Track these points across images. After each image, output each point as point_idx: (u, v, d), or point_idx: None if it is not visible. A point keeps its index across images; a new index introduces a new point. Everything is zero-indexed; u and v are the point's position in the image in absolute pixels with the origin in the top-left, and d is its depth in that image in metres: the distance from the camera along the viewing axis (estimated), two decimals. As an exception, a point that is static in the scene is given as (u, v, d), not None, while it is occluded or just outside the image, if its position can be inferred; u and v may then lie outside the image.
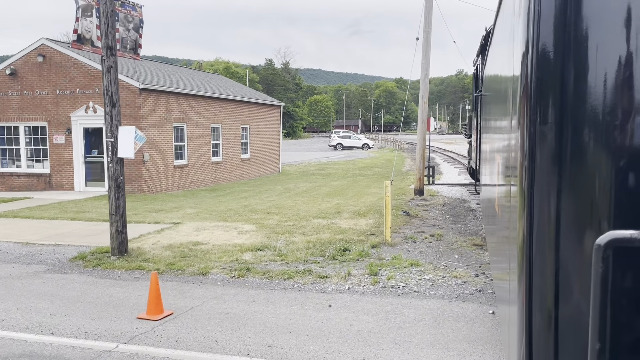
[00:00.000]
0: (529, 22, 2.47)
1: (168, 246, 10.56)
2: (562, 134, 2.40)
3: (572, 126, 2.38)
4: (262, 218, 14.05)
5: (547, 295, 2.51)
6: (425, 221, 13.68)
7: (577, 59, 2.35)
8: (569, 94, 2.37)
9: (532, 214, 2.53)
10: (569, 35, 2.36)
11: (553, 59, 2.39)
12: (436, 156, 43.57)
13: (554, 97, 2.41)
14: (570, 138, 2.39)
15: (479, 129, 12.80)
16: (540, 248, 2.53)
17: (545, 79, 2.42)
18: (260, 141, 29.23)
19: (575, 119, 2.37)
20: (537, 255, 2.54)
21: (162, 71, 24.30)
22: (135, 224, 13.24)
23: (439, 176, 26.59)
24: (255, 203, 17.54)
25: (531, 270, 2.58)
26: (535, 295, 2.56)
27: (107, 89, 9.54)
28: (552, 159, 2.43)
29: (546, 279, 2.51)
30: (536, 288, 2.56)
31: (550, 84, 2.41)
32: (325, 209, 15.89)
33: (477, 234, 12.19)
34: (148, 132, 19.81)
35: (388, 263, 9.02)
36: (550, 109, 2.41)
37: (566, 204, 2.41)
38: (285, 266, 9.05)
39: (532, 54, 2.45)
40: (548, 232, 2.48)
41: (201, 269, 8.81)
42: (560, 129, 2.40)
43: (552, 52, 2.39)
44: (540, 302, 2.54)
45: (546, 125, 2.42)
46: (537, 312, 2.55)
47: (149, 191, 19.93)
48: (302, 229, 12.42)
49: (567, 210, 2.41)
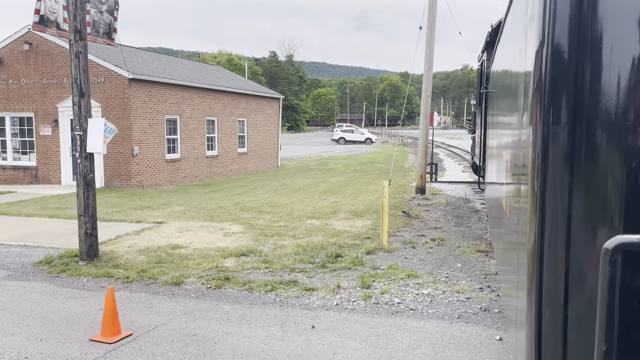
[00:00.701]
0: (544, 22, 2.42)
1: (144, 250, 9.68)
2: (576, 134, 2.35)
3: (586, 126, 2.34)
4: (252, 218, 13.17)
5: (558, 301, 2.39)
6: (426, 223, 12.78)
7: (591, 59, 2.31)
8: (583, 94, 2.33)
9: (543, 215, 2.45)
10: (584, 36, 2.32)
11: (567, 58, 2.35)
12: (440, 152, 42.59)
13: (568, 96, 2.36)
14: (584, 138, 2.34)
15: (483, 125, 12.71)
16: (551, 252, 2.44)
17: (560, 79, 2.38)
18: (258, 135, 28.32)
19: (588, 119, 2.33)
20: (548, 259, 2.44)
21: (155, 61, 23.39)
22: (116, 222, 12.38)
23: (442, 173, 25.66)
24: (248, 200, 16.66)
25: (541, 285, 2.47)
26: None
27: (76, 77, 8.65)
28: (564, 159, 2.38)
29: (558, 288, 2.41)
30: (546, 302, 2.45)
31: (564, 84, 2.37)
32: (321, 207, 15.00)
33: (481, 238, 11.30)
34: (138, 124, 18.94)
35: (383, 273, 8.12)
36: (564, 108, 2.37)
37: (579, 205, 2.36)
38: (270, 275, 8.17)
39: (547, 54, 2.41)
40: (560, 234, 2.42)
41: (175, 278, 7.94)
42: (574, 128, 2.35)
43: (567, 52, 2.35)
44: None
45: (559, 125, 2.38)
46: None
47: (138, 186, 19.07)
48: (293, 231, 11.53)
49: (580, 212, 2.36)
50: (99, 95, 18.72)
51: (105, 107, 18.71)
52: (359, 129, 67.02)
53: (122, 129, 18.60)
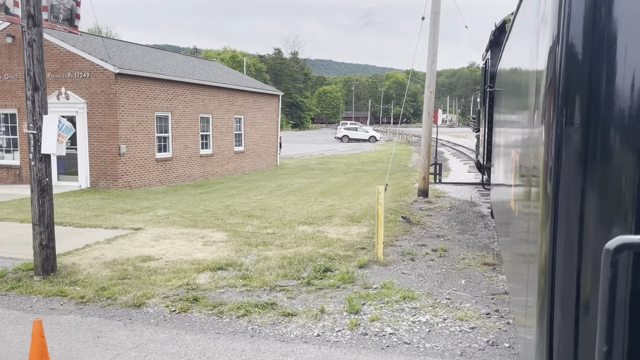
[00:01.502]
0: (558, 21, 2.38)
1: (111, 262, 8.68)
2: (590, 135, 2.28)
3: (601, 127, 2.27)
4: (239, 223, 12.15)
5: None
6: (428, 230, 11.73)
7: (606, 59, 2.26)
8: (599, 94, 2.27)
9: (556, 220, 2.35)
10: (599, 35, 2.27)
11: (582, 58, 2.30)
12: (445, 150, 41.46)
13: (582, 96, 2.31)
14: (599, 139, 2.27)
15: (487, 123, 12.64)
16: (567, 262, 2.31)
17: (574, 79, 2.32)
18: (256, 133, 27.30)
19: (603, 119, 2.27)
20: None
21: (147, 55, 22.39)
22: (90, 229, 11.39)
23: (447, 173, 24.57)
24: (240, 203, 15.65)
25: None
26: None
27: (29, 68, 7.62)
28: (579, 160, 2.32)
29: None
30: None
31: (578, 84, 2.32)
32: (315, 211, 13.97)
33: (488, 248, 10.25)
34: (126, 121, 17.95)
35: (375, 294, 7.07)
36: (578, 108, 2.32)
37: (594, 208, 2.27)
38: (246, 295, 7.14)
39: (561, 53, 2.36)
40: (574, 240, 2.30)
41: (137, 298, 6.93)
42: (588, 129, 2.29)
43: (581, 52, 2.30)
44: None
45: (573, 126, 2.32)
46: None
47: (125, 187, 18.09)
48: (281, 239, 10.51)
49: (595, 215, 2.27)
50: (84, 91, 17.74)
51: (91, 104, 17.73)
52: (363, 127, 65.92)
53: (108, 127, 17.63)
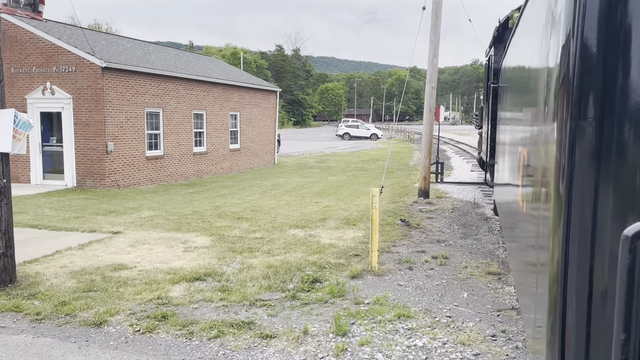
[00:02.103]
0: (573, 15, 2.31)
1: (79, 271, 7.92)
2: (605, 130, 2.21)
3: (617, 122, 2.20)
4: (227, 227, 11.39)
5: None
6: (428, 234, 10.96)
7: (621, 54, 2.21)
8: (614, 89, 2.21)
9: (569, 222, 2.25)
10: (614, 30, 2.22)
11: (596, 53, 2.25)
12: (447, 148, 40.66)
13: (597, 92, 2.25)
14: (615, 134, 2.20)
15: (490, 120, 12.37)
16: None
17: (589, 74, 2.26)
18: (252, 130, 26.52)
19: (619, 115, 2.19)
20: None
21: (138, 49, 21.62)
22: (66, 232, 10.65)
23: (449, 172, 23.78)
24: (231, 203, 14.89)
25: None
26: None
27: (-17, 57, 6.86)
28: (593, 156, 2.24)
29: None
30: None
31: (593, 79, 2.25)
32: (309, 213, 13.21)
33: (493, 254, 9.49)
34: (114, 118, 17.20)
35: (366, 311, 6.31)
36: (593, 104, 2.25)
37: (609, 205, 2.19)
38: (222, 311, 6.38)
39: (575, 48, 2.30)
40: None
41: (99, 315, 6.17)
42: (602, 124, 2.22)
43: (596, 46, 2.25)
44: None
45: (587, 120, 2.26)
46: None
47: (113, 186, 17.35)
48: (269, 245, 9.75)
49: (609, 213, 2.19)
50: (70, 85, 16.99)
51: (77, 99, 16.98)
52: (364, 125, 65.12)
53: (95, 123, 16.87)
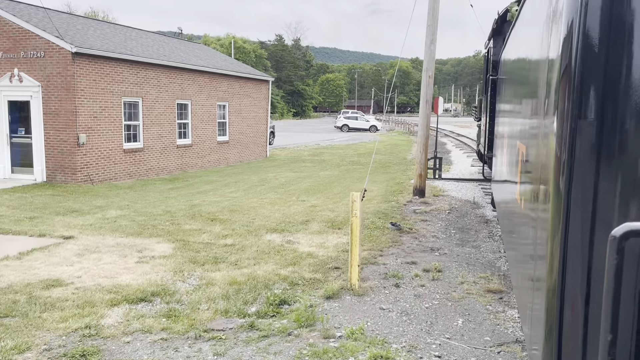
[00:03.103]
0: (575, 8, 2.26)
1: (5, 288, 6.70)
2: (605, 127, 2.18)
3: (619, 117, 2.17)
4: (196, 230, 10.18)
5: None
6: (421, 240, 9.75)
7: (624, 48, 2.16)
8: (617, 84, 2.16)
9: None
10: (617, 24, 2.17)
11: (599, 47, 2.19)
12: (448, 141, 39.37)
13: (598, 86, 2.19)
14: (618, 130, 2.16)
15: (488, 112, 11.99)
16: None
17: (591, 69, 2.20)
18: (242, 121, 25.25)
19: (622, 110, 2.17)
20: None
21: (119, 35, 20.32)
22: (13, 236, 9.45)
23: (448, 167, 22.53)
24: (210, 201, 13.68)
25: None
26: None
27: None
28: (594, 153, 2.20)
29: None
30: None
31: (595, 73, 2.20)
32: (292, 214, 12.00)
33: (493, 266, 8.30)
34: (86, 107, 15.95)
35: (335, 350, 5.09)
36: (594, 99, 2.19)
37: (609, 201, 2.17)
38: (158, 347, 5.18)
39: (577, 42, 2.25)
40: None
41: (4, 353, 4.97)
42: (603, 120, 2.19)
43: (598, 41, 2.19)
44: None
45: (587, 119, 2.22)
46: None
47: (86, 181, 16.12)
48: (238, 254, 8.55)
49: (609, 208, 2.16)
50: (39, 72, 15.73)
51: (46, 87, 15.72)
52: (364, 116, 63.73)
53: (65, 113, 15.63)
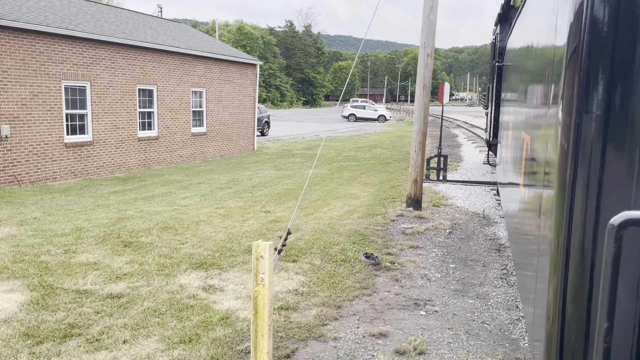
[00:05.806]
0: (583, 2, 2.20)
1: None
2: (614, 111, 2.16)
3: (628, 105, 2.15)
4: (87, 266, 7.24)
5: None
6: (404, 285, 6.76)
7: (634, 30, 2.11)
8: (628, 68, 2.11)
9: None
10: (626, 5, 2.11)
11: (606, 33, 2.14)
12: (460, 133, 36.13)
13: (607, 71, 2.15)
14: (628, 120, 2.14)
15: (494, 99, 11.92)
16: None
17: (598, 55, 2.16)
18: (224, 110, 22.26)
19: (630, 98, 2.14)
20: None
21: (70, 8, 17.34)
22: None
23: (457, 164, 19.37)
24: (147, 212, 10.75)
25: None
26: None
27: None
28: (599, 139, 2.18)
29: None
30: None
31: (603, 60, 2.15)
32: (242, 234, 9.03)
33: (507, 338, 5.34)
34: (11, 92, 13.08)
35: None
36: (602, 86, 2.16)
37: (615, 190, 2.16)
38: None
39: (585, 25, 2.19)
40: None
41: None
42: (609, 108, 2.16)
43: (607, 26, 2.14)
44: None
45: (593, 112, 2.19)
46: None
47: (12, 182, 13.28)
48: (114, 317, 5.60)
49: (616, 198, 2.16)
50: (-48, 49, 12.88)
51: (-39, 68, 12.87)
52: (372, 105, 60.38)
53: (-16, 100, 12.77)
